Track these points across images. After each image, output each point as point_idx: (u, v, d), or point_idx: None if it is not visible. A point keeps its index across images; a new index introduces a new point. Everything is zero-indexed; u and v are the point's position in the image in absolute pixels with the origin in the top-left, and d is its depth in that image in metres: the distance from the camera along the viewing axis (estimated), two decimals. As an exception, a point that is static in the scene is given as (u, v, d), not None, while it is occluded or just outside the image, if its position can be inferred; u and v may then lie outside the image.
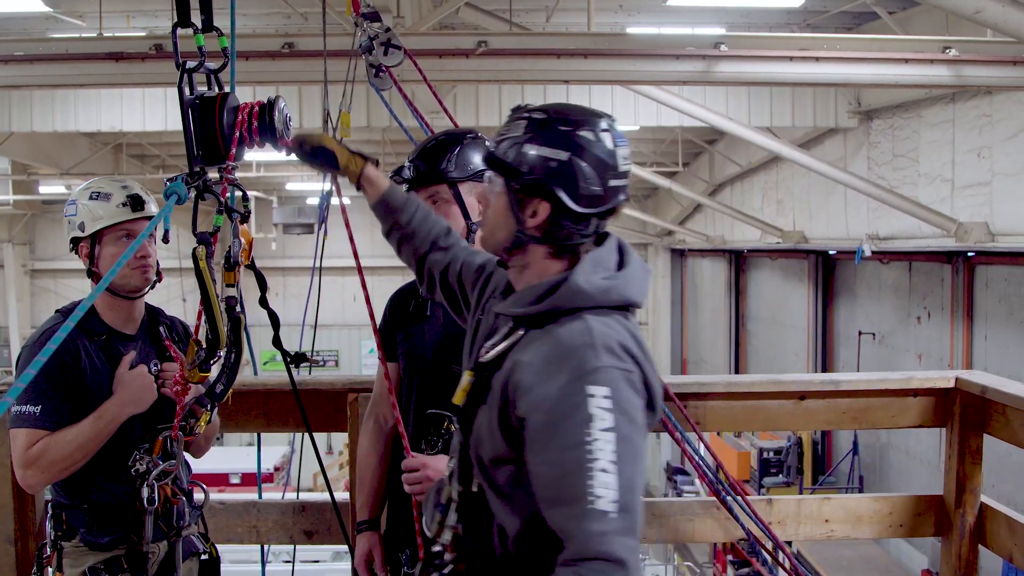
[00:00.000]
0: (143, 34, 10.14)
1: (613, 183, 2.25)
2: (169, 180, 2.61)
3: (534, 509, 2.16)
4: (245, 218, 2.81)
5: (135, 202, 3.18)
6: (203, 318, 2.79)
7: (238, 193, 2.80)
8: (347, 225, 3.40)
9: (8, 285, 26.79)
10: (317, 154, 2.78)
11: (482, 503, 2.35)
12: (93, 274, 3.19)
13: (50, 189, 23.70)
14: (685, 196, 20.13)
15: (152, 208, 3.22)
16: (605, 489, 2.01)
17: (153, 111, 13.68)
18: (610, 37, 8.71)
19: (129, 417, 3.10)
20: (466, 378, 2.37)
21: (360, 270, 3.45)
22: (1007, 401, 3.75)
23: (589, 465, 2.02)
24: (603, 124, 2.27)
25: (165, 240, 2.82)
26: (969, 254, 13.31)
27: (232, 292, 2.76)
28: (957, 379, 4.01)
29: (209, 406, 2.95)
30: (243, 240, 2.81)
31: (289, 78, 9.07)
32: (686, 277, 28.09)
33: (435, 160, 3.09)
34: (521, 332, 2.28)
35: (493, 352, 2.31)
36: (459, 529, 2.39)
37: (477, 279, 2.62)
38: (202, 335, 2.85)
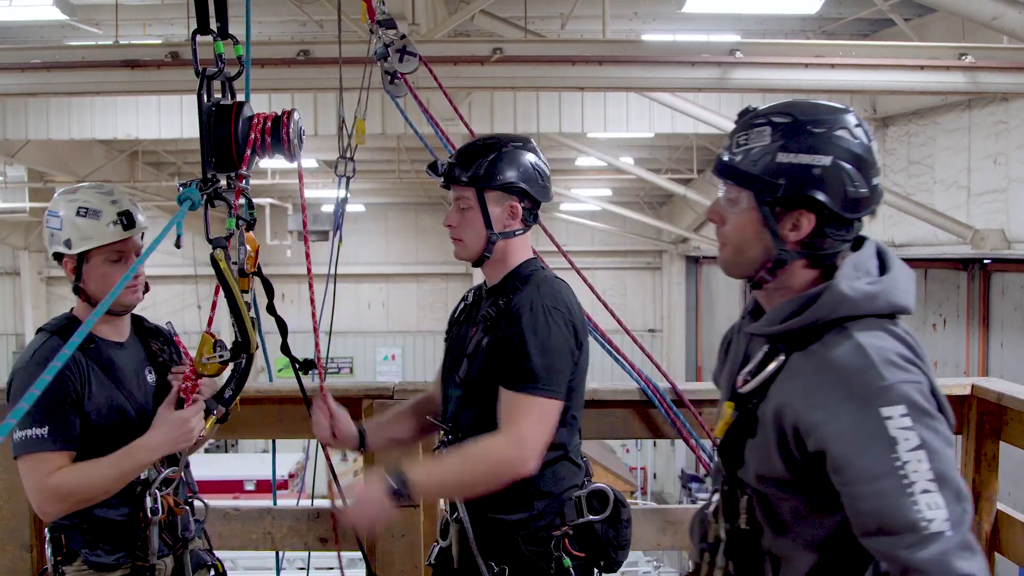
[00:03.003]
0: (159, 42, 10.21)
1: (875, 181, 2.11)
2: (183, 186, 2.60)
3: (828, 540, 2.10)
4: (251, 225, 2.80)
5: (127, 220, 3.04)
6: (213, 321, 2.78)
7: (243, 201, 2.79)
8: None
9: (24, 292, 26.91)
10: None
11: (752, 541, 2.24)
12: (80, 290, 3.07)
13: (66, 196, 23.79)
14: (700, 203, 20.07)
15: (141, 220, 3.09)
16: (932, 510, 1.88)
17: (169, 118, 13.74)
18: (625, 44, 8.69)
19: (131, 425, 2.99)
20: (727, 410, 2.25)
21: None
22: (1024, 408, 3.73)
23: (909, 491, 1.89)
24: (853, 119, 2.12)
25: (177, 245, 2.69)
26: (985, 261, 13.26)
27: (247, 298, 2.76)
28: (973, 386, 3.98)
29: (216, 410, 2.90)
30: (249, 247, 2.80)
31: (305, 85, 9.10)
32: (701, 284, 28.04)
33: (467, 163, 3.02)
34: (782, 357, 2.14)
35: (754, 383, 2.18)
36: (730, 567, 2.28)
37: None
38: (214, 329, 2.83)
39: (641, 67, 8.42)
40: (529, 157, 3.03)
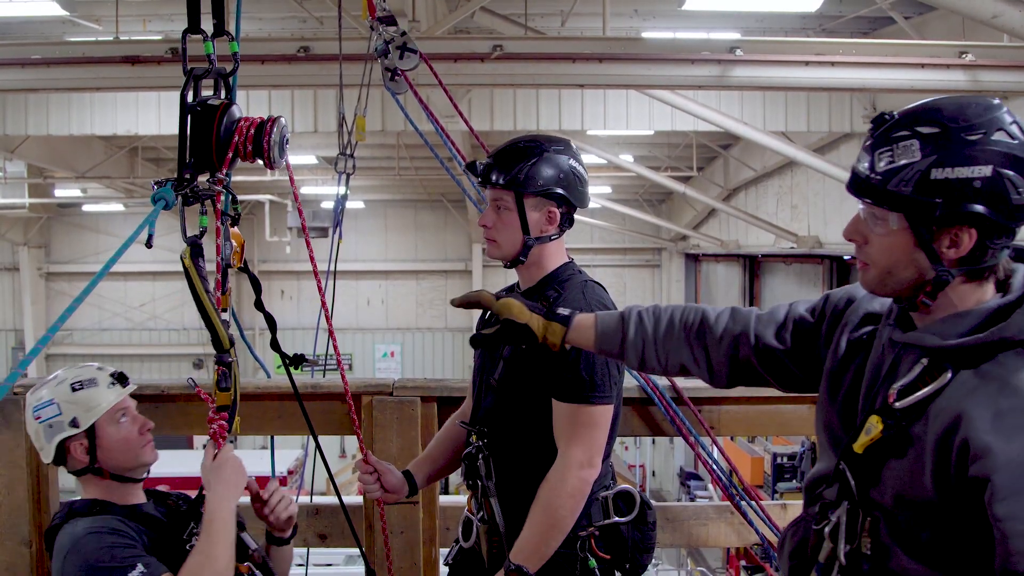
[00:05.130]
0: (159, 38, 10.17)
1: None
2: (157, 184, 2.50)
3: (964, 570, 1.93)
4: (236, 221, 2.72)
5: (121, 378, 2.89)
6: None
7: (227, 196, 2.73)
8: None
9: (24, 288, 26.92)
10: (505, 332, 2.54)
11: (877, 563, 2.04)
12: (100, 470, 2.82)
13: (66, 192, 23.86)
14: (699, 201, 20.09)
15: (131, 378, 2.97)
16: None
17: (169, 114, 13.68)
18: (625, 41, 8.68)
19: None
20: (875, 427, 2.00)
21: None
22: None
23: None
24: (1008, 116, 1.89)
25: (148, 245, 2.48)
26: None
27: (224, 316, 2.66)
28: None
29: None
30: (235, 243, 2.72)
31: (305, 82, 9.11)
32: (700, 282, 28.04)
33: (508, 165, 2.97)
34: (948, 375, 1.93)
35: (911, 399, 1.96)
36: None
37: (819, 316, 2.38)
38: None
39: (641, 65, 8.42)
40: (569, 162, 3.00)
